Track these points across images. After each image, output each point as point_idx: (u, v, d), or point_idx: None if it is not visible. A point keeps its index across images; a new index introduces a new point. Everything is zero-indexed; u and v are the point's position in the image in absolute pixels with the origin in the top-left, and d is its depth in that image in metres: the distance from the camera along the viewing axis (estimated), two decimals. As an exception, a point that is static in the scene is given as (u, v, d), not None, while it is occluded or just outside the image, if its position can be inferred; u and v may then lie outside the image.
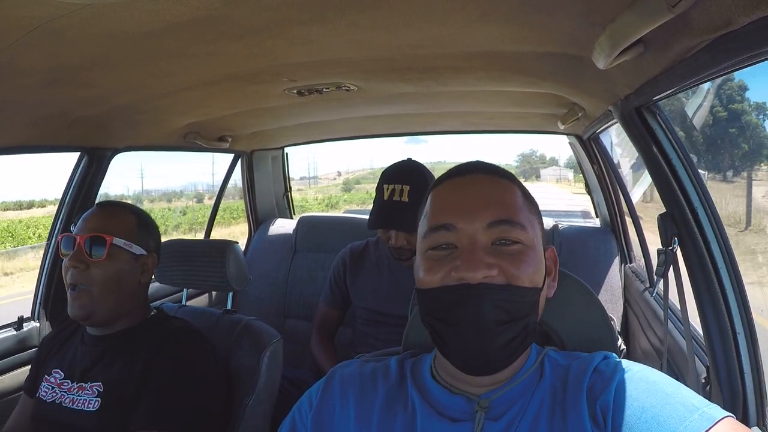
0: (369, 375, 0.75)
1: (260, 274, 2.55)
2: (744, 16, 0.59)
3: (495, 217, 0.63)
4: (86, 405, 1.10)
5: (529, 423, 0.63)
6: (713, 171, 9.54)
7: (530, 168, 51.63)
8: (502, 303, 0.61)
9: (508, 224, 0.63)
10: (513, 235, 0.63)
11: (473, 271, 0.60)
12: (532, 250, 0.64)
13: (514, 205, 0.66)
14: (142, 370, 1.10)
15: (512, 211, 0.65)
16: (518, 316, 0.62)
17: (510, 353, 0.63)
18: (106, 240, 1.13)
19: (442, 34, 0.99)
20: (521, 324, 0.62)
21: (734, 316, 1.02)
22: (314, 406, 0.74)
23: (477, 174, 0.68)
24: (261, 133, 2.39)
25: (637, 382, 0.61)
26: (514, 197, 0.67)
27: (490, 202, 0.64)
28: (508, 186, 0.68)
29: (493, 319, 0.60)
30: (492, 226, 0.63)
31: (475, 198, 0.65)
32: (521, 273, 0.62)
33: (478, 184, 0.67)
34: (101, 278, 1.13)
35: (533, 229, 0.66)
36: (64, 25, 0.80)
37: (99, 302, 1.13)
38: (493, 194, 0.66)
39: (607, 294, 2.22)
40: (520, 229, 0.63)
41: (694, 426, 0.54)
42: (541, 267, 0.66)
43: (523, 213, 0.66)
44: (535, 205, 0.70)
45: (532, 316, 0.64)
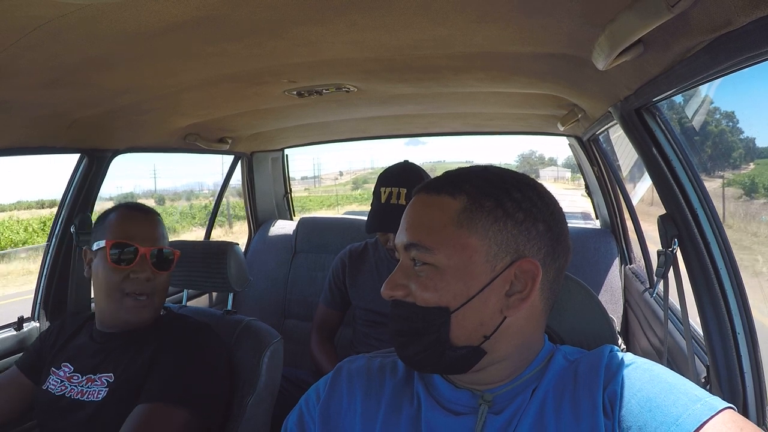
0: (376, 370, 0.76)
1: (260, 275, 2.55)
2: (744, 16, 0.59)
3: (408, 240, 0.67)
4: (95, 395, 1.11)
5: (533, 416, 0.64)
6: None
7: (530, 168, 51.96)
8: (402, 319, 0.67)
9: (415, 248, 0.66)
10: (422, 258, 0.65)
11: (384, 289, 0.69)
12: (441, 272, 0.64)
13: (430, 227, 0.66)
14: (152, 356, 1.13)
15: (424, 233, 0.65)
16: (420, 332, 0.65)
17: (427, 361, 0.66)
18: (174, 254, 1.21)
19: (442, 34, 0.99)
20: (427, 339, 0.65)
21: (734, 316, 1.02)
22: (322, 399, 0.75)
23: (420, 194, 0.70)
24: (261, 134, 2.39)
25: (642, 373, 0.63)
26: (436, 215, 0.66)
27: (410, 224, 0.68)
28: (438, 203, 0.66)
29: (397, 330, 0.68)
30: (407, 249, 0.67)
31: (405, 220, 0.69)
32: (420, 294, 0.65)
33: (413, 205, 0.70)
34: (163, 288, 1.21)
35: (453, 249, 0.64)
36: (64, 26, 0.80)
37: (157, 309, 1.21)
38: (416, 215, 0.68)
39: (607, 295, 2.23)
40: (426, 252, 0.65)
41: (696, 414, 0.56)
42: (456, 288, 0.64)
43: (441, 233, 0.64)
44: (491, 216, 0.64)
45: (441, 334, 0.64)
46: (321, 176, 51.46)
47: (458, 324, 0.64)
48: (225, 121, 1.91)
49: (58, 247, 1.71)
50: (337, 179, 46.43)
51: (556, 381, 0.66)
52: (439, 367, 0.67)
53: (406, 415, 0.69)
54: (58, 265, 1.72)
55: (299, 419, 0.76)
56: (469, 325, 0.64)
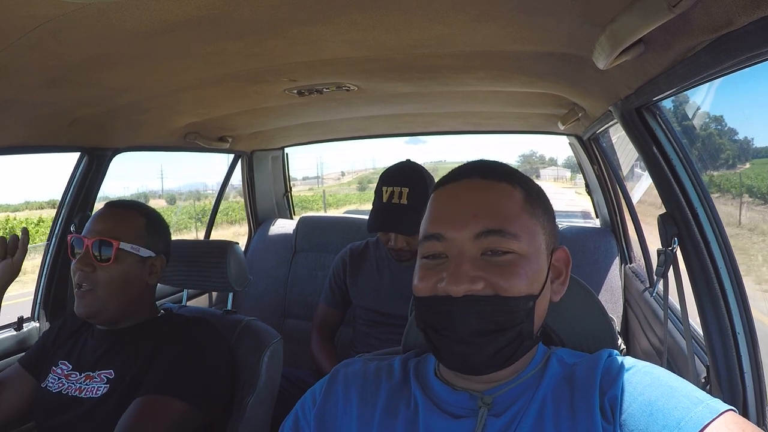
0: (372, 374, 0.75)
1: (260, 274, 2.55)
2: (745, 16, 0.59)
3: (483, 228, 0.62)
4: (94, 392, 1.11)
5: (532, 419, 0.64)
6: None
7: (531, 168, 52.29)
8: (488, 314, 0.61)
9: (497, 234, 0.62)
10: (503, 246, 0.62)
11: (456, 285, 0.61)
12: (526, 259, 0.63)
13: (507, 213, 0.64)
14: (152, 352, 1.13)
15: (503, 219, 0.63)
16: (508, 326, 0.62)
17: (503, 360, 0.64)
18: (113, 244, 1.15)
19: (442, 33, 0.99)
20: (512, 333, 0.62)
21: (734, 316, 1.02)
22: (318, 403, 0.75)
23: (472, 179, 0.67)
24: (261, 133, 2.39)
25: (642, 376, 0.63)
26: (510, 203, 0.65)
27: (479, 210, 0.63)
28: (504, 190, 0.66)
29: (479, 330, 0.62)
30: (480, 237, 0.62)
31: (465, 206, 0.64)
32: (510, 284, 0.62)
33: (470, 190, 0.66)
34: (106, 280, 1.15)
35: (531, 236, 0.64)
36: (64, 25, 0.80)
37: (104, 303, 1.15)
38: (484, 202, 0.64)
39: (607, 294, 2.23)
40: (511, 239, 0.62)
41: (697, 417, 0.56)
42: (538, 275, 0.64)
43: (519, 220, 0.64)
44: (540, 206, 0.68)
45: (526, 324, 0.63)
46: (323, 176, 51.37)
47: (537, 312, 0.65)
48: (225, 120, 1.91)
49: (58, 246, 1.71)
50: (339, 179, 46.42)
51: (554, 385, 0.66)
52: (507, 362, 0.65)
53: (403, 419, 0.68)
54: (58, 264, 1.72)
55: (295, 423, 0.75)
56: (540, 312, 0.66)
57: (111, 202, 1.25)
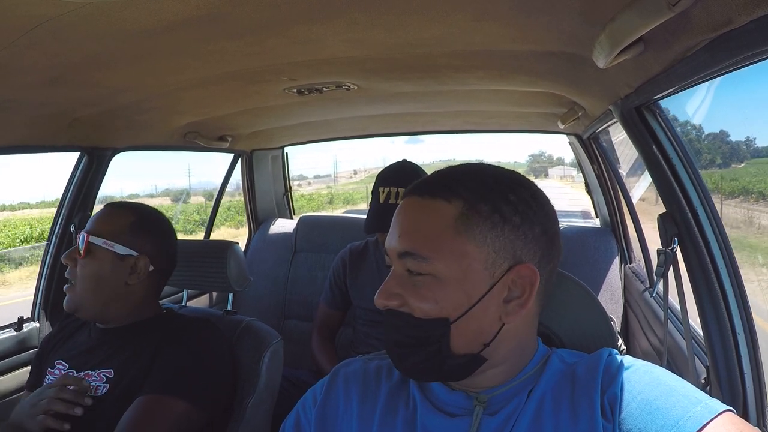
0: (373, 373, 0.76)
1: (260, 275, 2.54)
2: (745, 14, 0.59)
3: (402, 249, 0.64)
4: (93, 391, 1.11)
5: (530, 417, 0.64)
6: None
7: (539, 167, 52.80)
8: (401, 329, 0.64)
9: (411, 257, 0.63)
10: (417, 268, 0.63)
11: (378, 298, 0.65)
12: (440, 282, 0.62)
13: (425, 234, 0.62)
14: (154, 351, 1.13)
15: (419, 241, 0.62)
16: (421, 344, 0.63)
17: (427, 372, 0.66)
18: (84, 237, 1.17)
19: (442, 33, 0.99)
20: (429, 350, 0.63)
21: (734, 316, 1.01)
22: (318, 402, 0.75)
23: (412, 197, 0.66)
24: (261, 132, 2.39)
25: (641, 375, 0.63)
26: (433, 221, 0.63)
27: (404, 231, 0.64)
28: (433, 208, 0.63)
29: (396, 342, 0.66)
30: (401, 257, 0.64)
31: (396, 226, 0.66)
32: (418, 306, 0.63)
33: (405, 209, 0.66)
34: (81, 275, 1.16)
35: (453, 258, 0.61)
36: (63, 24, 0.80)
37: (81, 298, 1.16)
38: (409, 222, 0.65)
39: (607, 294, 2.22)
40: (423, 262, 0.62)
41: (696, 417, 0.56)
42: (456, 298, 0.62)
43: (439, 241, 0.62)
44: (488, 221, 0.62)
45: (443, 345, 0.62)
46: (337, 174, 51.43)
47: (458, 334, 0.63)
48: (225, 120, 1.91)
49: (58, 246, 1.72)
50: (351, 177, 46.48)
51: (554, 384, 0.66)
52: (439, 376, 0.66)
53: (402, 418, 0.69)
54: (58, 264, 1.71)
55: (296, 423, 0.76)
56: (469, 334, 0.63)
57: (109, 203, 1.26)
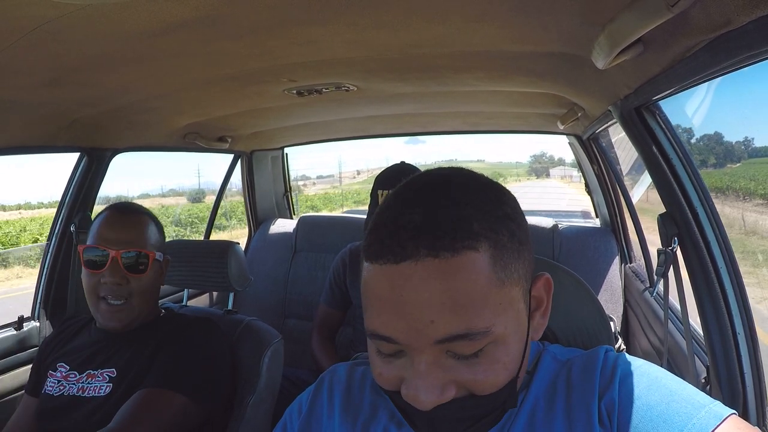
0: (357, 381, 0.73)
1: (260, 274, 2.55)
2: (744, 15, 0.59)
3: (444, 335, 0.49)
4: (97, 391, 1.11)
5: (523, 421, 0.61)
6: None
7: (541, 167, 53.04)
8: (466, 412, 0.54)
9: (463, 339, 0.49)
10: (472, 348, 0.50)
11: (423, 399, 0.51)
12: (503, 343, 0.52)
13: (473, 301, 0.49)
14: (154, 350, 1.13)
15: (470, 315, 0.49)
16: (489, 414, 0.55)
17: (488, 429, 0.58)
18: (148, 256, 1.15)
19: (441, 33, 0.99)
20: (495, 415, 0.56)
21: (734, 316, 1.01)
22: (303, 412, 0.73)
23: (416, 260, 0.48)
24: (261, 133, 2.39)
25: (639, 378, 0.60)
26: (475, 282, 0.49)
27: (435, 312, 0.48)
28: (465, 265, 0.49)
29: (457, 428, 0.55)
30: (446, 342, 0.49)
31: (415, 310, 0.49)
32: (486, 381, 0.52)
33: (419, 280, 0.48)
34: (140, 291, 1.15)
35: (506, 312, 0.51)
36: (63, 26, 0.80)
37: (137, 313, 1.16)
38: (441, 295, 0.48)
39: (607, 294, 2.22)
40: (482, 336, 0.49)
41: (701, 424, 0.53)
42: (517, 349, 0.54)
43: (489, 303, 0.50)
44: (512, 251, 0.52)
45: (509, 402, 0.56)
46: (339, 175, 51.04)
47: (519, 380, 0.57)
48: (224, 120, 1.91)
49: (58, 246, 1.72)
50: (354, 178, 46.40)
51: (546, 386, 0.63)
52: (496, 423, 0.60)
53: (385, 430, 0.65)
54: (58, 264, 1.72)
55: None
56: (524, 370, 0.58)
57: (119, 207, 1.21)
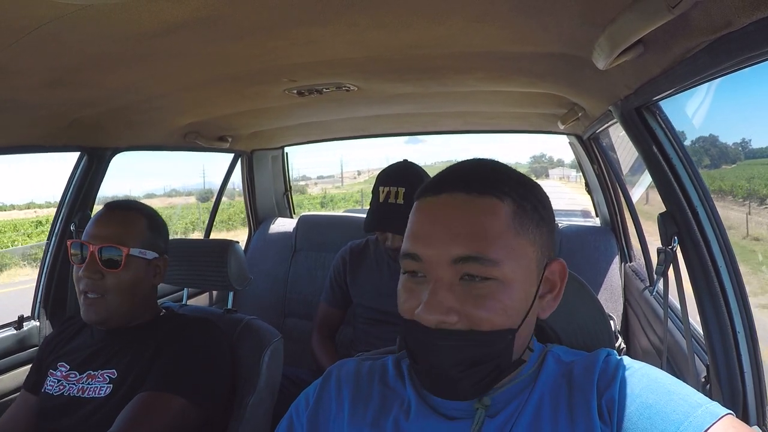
0: (365, 374, 0.74)
1: (260, 273, 2.55)
2: (744, 16, 0.59)
3: (462, 253, 0.56)
4: (97, 392, 1.11)
5: (529, 419, 0.63)
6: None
7: (540, 167, 53.93)
8: (462, 349, 0.58)
9: (476, 261, 0.56)
10: (482, 273, 0.57)
11: (428, 315, 0.57)
12: (508, 286, 0.58)
13: (490, 234, 0.57)
14: (154, 351, 1.13)
15: (484, 243, 0.56)
16: (483, 361, 0.59)
17: (480, 390, 0.61)
18: (122, 250, 1.13)
19: (442, 34, 0.99)
20: (489, 366, 0.59)
21: (734, 315, 1.02)
22: (311, 405, 0.74)
23: (454, 192, 0.59)
24: (261, 133, 2.39)
25: (639, 378, 0.62)
26: (494, 221, 0.58)
27: (459, 232, 0.57)
28: (488, 206, 0.58)
29: (453, 364, 0.58)
30: (458, 262, 0.57)
31: (442, 227, 0.58)
32: (487, 317, 0.57)
33: (451, 207, 0.59)
34: (116, 287, 1.14)
35: (516, 259, 0.58)
36: (63, 26, 0.80)
37: (114, 308, 1.15)
38: (465, 222, 0.58)
39: (607, 293, 2.23)
40: (492, 266, 0.56)
41: (697, 422, 0.55)
42: (521, 302, 0.60)
43: (503, 242, 0.57)
44: (533, 218, 0.61)
45: (504, 357, 0.59)
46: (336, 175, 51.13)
47: (518, 341, 0.60)
48: (225, 120, 1.91)
49: (58, 245, 1.72)
50: (355, 178, 46.48)
51: (551, 384, 0.65)
52: (485, 390, 0.62)
53: (395, 421, 0.67)
54: (58, 263, 1.72)
55: (289, 426, 0.75)
56: (525, 338, 0.62)
57: (111, 204, 1.23)
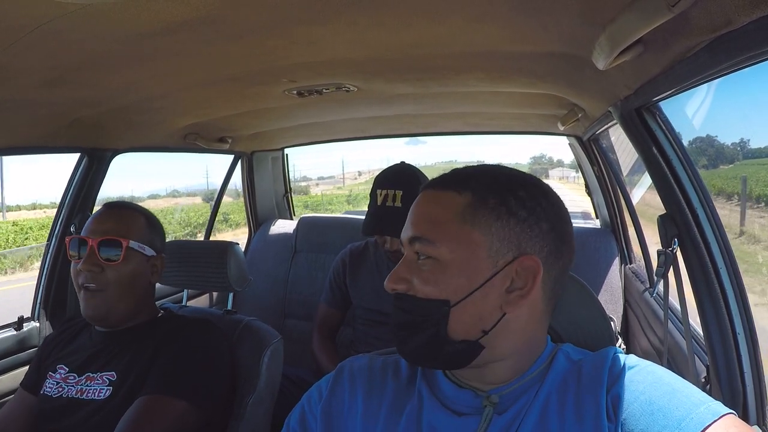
0: (379, 370, 0.76)
1: (260, 274, 2.55)
2: (744, 15, 0.59)
3: (412, 234, 0.68)
4: (96, 394, 1.11)
5: (536, 416, 0.64)
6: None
7: (540, 168, 54.72)
8: (404, 311, 0.68)
9: (419, 241, 0.67)
10: (423, 251, 0.66)
11: (388, 283, 0.69)
12: (444, 265, 0.65)
13: (434, 220, 0.67)
14: (153, 352, 1.13)
15: (428, 227, 0.67)
16: (420, 326, 0.66)
17: (426, 357, 0.68)
18: (122, 243, 1.14)
19: (441, 34, 0.99)
20: (427, 333, 0.66)
21: (734, 316, 1.02)
22: (324, 397, 0.75)
23: (428, 190, 0.71)
24: (261, 134, 2.39)
25: (644, 376, 0.63)
26: (441, 210, 0.67)
27: (416, 219, 0.69)
28: (445, 198, 0.68)
29: (398, 324, 0.69)
30: (412, 242, 0.68)
31: (411, 214, 0.70)
32: (422, 287, 0.66)
33: (421, 200, 0.71)
34: (116, 280, 1.14)
35: (459, 244, 0.65)
36: (63, 26, 0.80)
37: (114, 303, 1.15)
38: (422, 210, 0.69)
39: (607, 294, 2.22)
40: (429, 246, 0.66)
41: (698, 419, 0.56)
42: (460, 282, 0.64)
43: (445, 227, 0.66)
44: (494, 213, 0.65)
45: (441, 328, 0.65)
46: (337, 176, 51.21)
47: (457, 318, 0.65)
48: (225, 121, 1.91)
49: (58, 247, 1.72)
50: (356, 179, 46.52)
51: (559, 382, 0.67)
52: (437, 361, 0.68)
53: (408, 415, 0.69)
54: (58, 264, 1.72)
55: (301, 417, 0.76)
56: (468, 320, 0.65)
57: (109, 203, 1.24)
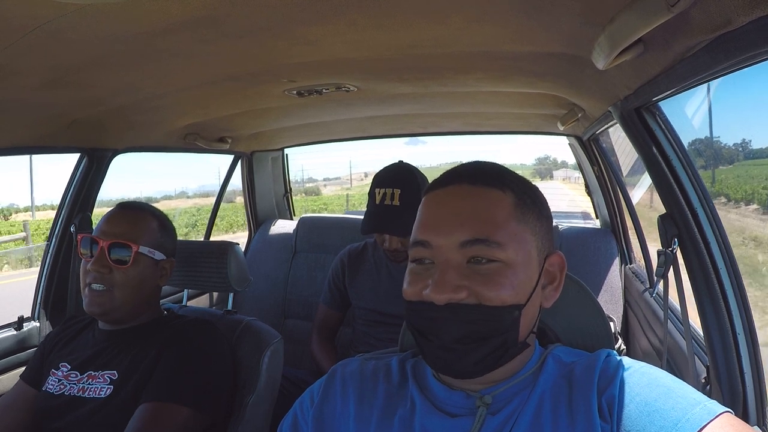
0: (370, 374, 0.76)
1: (260, 275, 2.55)
2: (744, 15, 0.59)
3: (469, 236, 0.62)
4: (97, 392, 1.11)
5: (529, 417, 0.64)
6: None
7: (545, 169, 55.04)
8: (471, 323, 0.61)
9: (482, 244, 0.61)
10: (488, 254, 0.62)
11: (439, 293, 0.61)
12: (512, 268, 0.62)
13: (494, 220, 0.62)
14: (156, 354, 1.13)
15: (490, 227, 0.62)
16: (492, 335, 0.62)
17: (487, 367, 0.64)
18: (132, 247, 1.16)
19: (441, 34, 0.99)
20: (497, 341, 0.62)
21: (734, 316, 1.02)
22: (315, 403, 0.75)
23: (460, 184, 0.66)
24: (261, 134, 2.39)
25: (640, 377, 0.63)
26: (498, 210, 0.63)
27: (466, 218, 0.63)
28: (493, 196, 0.64)
29: (462, 338, 0.62)
30: (466, 245, 0.62)
31: (451, 214, 0.64)
32: (495, 294, 0.61)
33: (458, 197, 0.65)
34: (123, 282, 1.16)
35: (519, 244, 0.63)
36: (63, 26, 0.80)
37: (118, 303, 1.16)
38: (472, 209, 0.63)
39: (607, 295, 2.22)
40: (497, 248, 0.61)
41: (695, 418, 0.56)
42: (525, 284, 0.63)
43: (507, 228, 0.63)
44: (533, 211, 0.66)
45: (511, 333, 0.63)
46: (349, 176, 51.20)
47: (524, 321, 0.64)
48: (225, 121, 1.91)
49: (58, 247, 1.72)
50: (362, 180, 46.53)
51: (552, 383, 0.66)
52: (492, 368, 0.65)
53: (400, 418, 0.69)
54: (58, 264, 1.72)
55: (293, 423, 0.76)
56: (528, 321, 0.65)
57: (123, 204, 1.25)
